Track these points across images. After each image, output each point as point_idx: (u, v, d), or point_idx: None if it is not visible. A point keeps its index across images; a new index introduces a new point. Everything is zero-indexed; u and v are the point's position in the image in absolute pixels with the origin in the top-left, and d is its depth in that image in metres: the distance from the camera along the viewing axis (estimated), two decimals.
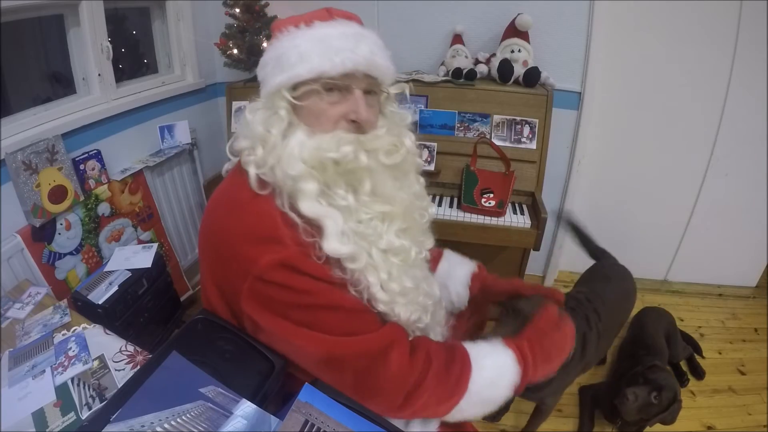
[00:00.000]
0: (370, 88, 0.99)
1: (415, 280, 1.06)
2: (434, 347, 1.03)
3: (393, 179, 1.04)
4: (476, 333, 1.44)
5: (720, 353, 2.49)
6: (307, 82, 0.93)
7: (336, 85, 0.94)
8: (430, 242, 1.20)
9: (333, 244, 0.91)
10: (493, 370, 1.02)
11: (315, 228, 0.91)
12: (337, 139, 0.94)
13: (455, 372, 1.00)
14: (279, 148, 0.93)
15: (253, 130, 0.97)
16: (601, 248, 2.15)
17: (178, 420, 0.76)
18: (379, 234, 0.99)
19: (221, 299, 1.01)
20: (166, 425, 0.74)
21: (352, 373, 0.91)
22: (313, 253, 0.90)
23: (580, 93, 2.46)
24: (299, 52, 0.92)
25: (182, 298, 2.51)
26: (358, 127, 0.97)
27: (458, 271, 1.40)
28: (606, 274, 1.99)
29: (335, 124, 0.96)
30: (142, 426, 0.74)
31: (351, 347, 0.91)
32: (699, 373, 2.31)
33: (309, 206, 0.91)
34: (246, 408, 0.81)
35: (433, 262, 1.38)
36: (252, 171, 0.94)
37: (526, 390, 1.09)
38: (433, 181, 2.23)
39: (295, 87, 0.94)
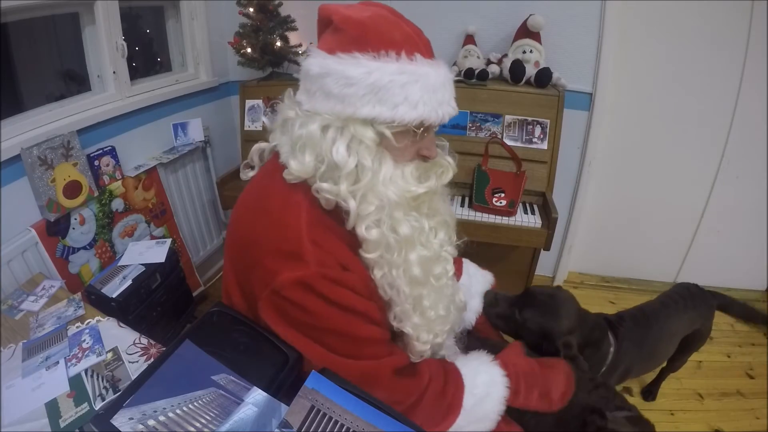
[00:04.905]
0: None
1: (447, 308, 1.11)
2: (434, 369, 1.07)
3: (442, 195, 1.13)
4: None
5: (729, 356, 2.48)
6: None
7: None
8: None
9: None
10: (484, 387, 1.07)
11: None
12: (420, 173, 1.00)
13: (450, 392, 1.04)
14: (372, 178, 0.92)
15: (328, 152, 0.90)
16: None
17: (190, 406, 0.78)
18: (429, 239, 1.04)
19: (242, 297, 1.03)
20: (177, 411, 0.76)
21: None
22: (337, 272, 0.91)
23: (592, 94, 2.46)
24: (406, 94, 0.87)
25: (194, 294, 2.53)
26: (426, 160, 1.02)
27: (472, 302, 1.42)
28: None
29: (412, 157, 0.99)
30: (155, 411, 0.76)
31: (350, 368, 0.93)
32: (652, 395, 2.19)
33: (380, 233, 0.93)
34: (257, 395, 0.82)
35: (457, 271, 1.41)
36: (326, 195, 0.91)
37: None
38: None
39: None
